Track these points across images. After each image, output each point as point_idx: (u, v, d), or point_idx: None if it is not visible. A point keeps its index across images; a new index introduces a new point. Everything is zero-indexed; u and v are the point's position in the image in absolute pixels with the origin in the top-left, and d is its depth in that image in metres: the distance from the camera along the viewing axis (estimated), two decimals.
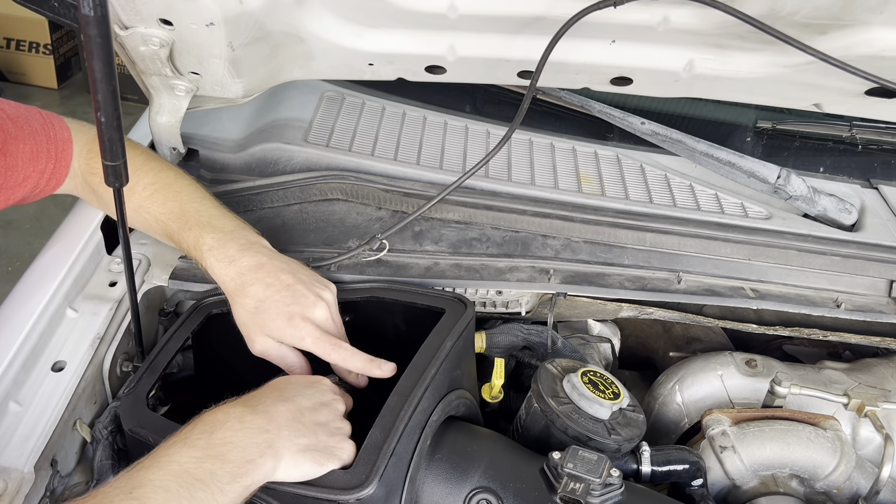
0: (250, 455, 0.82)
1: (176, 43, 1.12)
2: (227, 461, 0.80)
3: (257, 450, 0.82)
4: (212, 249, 1.08)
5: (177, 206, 1.13)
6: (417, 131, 1.48)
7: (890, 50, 1.07)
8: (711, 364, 1.32)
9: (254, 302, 1.04)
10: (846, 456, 1.13)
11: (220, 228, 1.11)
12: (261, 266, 1.07)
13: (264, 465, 0.82)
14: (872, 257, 1.31)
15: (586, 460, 0.93)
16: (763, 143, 1.57)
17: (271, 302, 1.04)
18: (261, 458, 0.82)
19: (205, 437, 0.82)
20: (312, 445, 0.86)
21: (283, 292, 1.05)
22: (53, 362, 1.09)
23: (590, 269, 1.27)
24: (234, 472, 0.80)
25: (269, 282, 1.05)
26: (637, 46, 1.19)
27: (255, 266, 1.07)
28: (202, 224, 1.11)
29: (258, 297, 1.04)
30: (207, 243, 1.08)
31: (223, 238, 1.09)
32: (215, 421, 0.84)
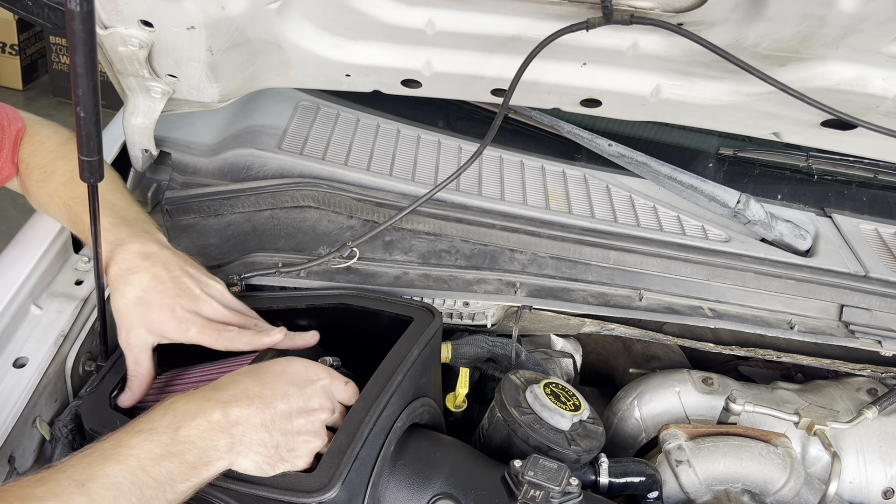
0: (208, 458, 0.82)
1: (155, 45, 1.12)
2: (185, 462, 0.80)
3: (216, 454, 0.82)
4: (104, 231, 1.03)
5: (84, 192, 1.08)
6: (391, 143, 1.50)
7: (844, 84, 1.12)
8: (669, 381, 1.35)
9: (137, 291, 1.00)
10: (795, 472, 1.17)
11: (120, 214, 1.08)
12: (149, 255, 1.03)
13: (220, 468, 0.83)
14: (825, 282, 1.36)
15: (546, 469, 0.95)
16: (724, 169, 1.62)
17: (155, 293, 1.00)
18: (218, 461, 0.82)
19: (170, 431, 0.81)
20: (271, 453, 0.85)
21: (169, 284, 1.01)
22: (15, 358, 1.08)
23: (555, 283, 1.30)
24: (188, 473, 0.80)
25: (155, 272, 1.01)
26: (607, 70, 1.23)
27: (142, 254, 1.02)
28: (104, 209, 1.04)
29: (142, 286, 1.00)
30: (102, 226, 1.02)
31: (118, 222, 1.06)
32: (185, 414, 0.83)
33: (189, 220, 1.35)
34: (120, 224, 1.06)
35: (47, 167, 1.14)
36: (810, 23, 1.01)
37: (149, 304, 1.00)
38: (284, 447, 0.86)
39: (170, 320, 1.00)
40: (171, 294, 1.01)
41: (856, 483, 1.28)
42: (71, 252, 1.27)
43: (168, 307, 1.00)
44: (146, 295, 1.00)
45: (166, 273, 1.02)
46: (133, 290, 1.00)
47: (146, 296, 1.00)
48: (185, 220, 1.35)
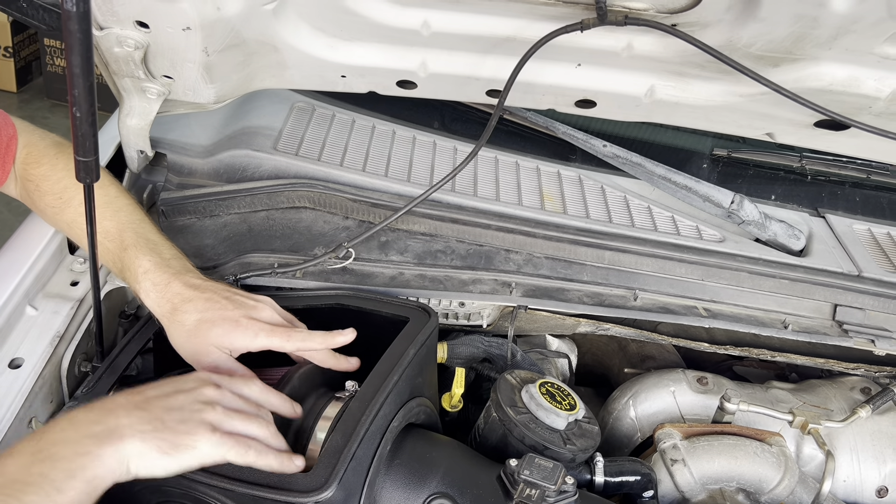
0: (84, 448, 0.77)
1: (151, 46, 1.12)
2: (59, 459, 0.76)
3: (92, 441, 0.78)
4: (147, 273, 1.06)
5: (114, 226, 1.11)
6: (386, 144, 1.50)
7: (837, 84, 1.13)
8: (664, 381, 1.36)
9: (194, 316, 1.02)
10: (790, 471, 1.17)
11: (158, 253, 1.09)
12: (196, 287, 1.05)
13: (105, 456, 0.78)
14: (818, 282, 1.36)
15: (542, 468, 0.96)
16: (719, 170, 1.63)
17: (213, 312, 1.02)
18: (98, 448, 0.78)
19: (33, 443, 0.78)
20: (156, 430, 0.81)
21: (223, 302, 1.03)
22: (11, 359, 1.08)
23: (550, 283, 1.30)
24: (69, 468, 0.76)
25: (207, 296, 1.04)
26: (601, 71, 1.23)
27: (190, 287, 1.05)
28: (139, 246, 1.09)
29: (198, 309, 1.02)
30: (143, 266, 1.06)
31: (159, 262, 1.07)
32: (47, 427, 0.81)
33: (185, 220, 1.35)
34: (161, 266, 1.07)
35: (62, 194, 1.14)
36: (803, 24, 1.02)
37: (211, 322, 1.01)
38: (172, 420, 0.82)
39: (235, 330, 1.01)
40: (229, 308, 1.02)
41: (850, 481, 1.28)
42: (66, 253, 1.27)
43: (230, 319, 1.01)
44: (204, 315, 1.02)
45: (217, 295, 1.04)
46: (190, 317, 1.02)
47: (205, 316, 1.02)
48: (181, 221, 1.35)
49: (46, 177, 1.15)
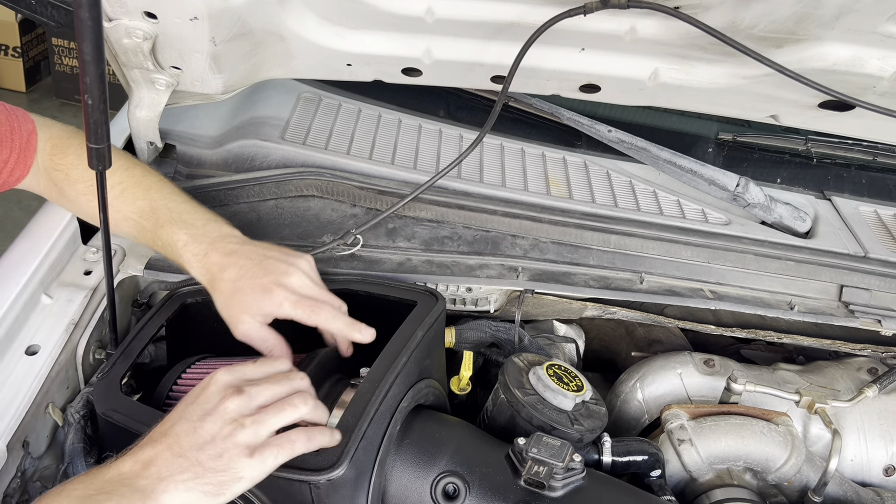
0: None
1: (159, 36, 1.14)
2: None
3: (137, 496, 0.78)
4: (186, 245, 1.08)
5: (147, 205, 1.13)
6: (392, 133, 1.51)
7: (841, 64, 1.13)
8: (671, 363, 1.37)
9: (229, 285, 1.04)
10: (796, 449, 1.18)
11: (192, 224, 1.11)
12: (232, 252, 1.07)
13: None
14: (824, 263, 1.37)
15: (550, 446, 0.97)
16: (724, 154, 1.63)
17: (245, 280, 1.04)
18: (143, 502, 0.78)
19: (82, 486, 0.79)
20: (197, 476, 0.80)
21: (255, 269, 1.05)
22: (27, 346, 1.10)
23: (556, 268, 1.31)
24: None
25: (241, 263, 1.05)
26: (605, 55, 1.24)
27: (227, 253, 1.07)
28: (173, 221, 1.11)
29: (232, 278, 1.04)
30: (181, 239, 1.09)
31: (196, 233, 1.10)
32: (98, 472, 0.81)
33: None
34: (198, 236, 1.09)
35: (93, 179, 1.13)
36: (806, 3, 1.02)
37: (242, 291, 1.03)
38: (209, 460, 0.81)
39: (263, 297, 1.02)
40: (259, 275, 1.04)
41: (857, 461, 1.29)
42: (79, 243, 1.29)
43: (259, 287, 1.03)
44: (237, 283, 1.04)
45: (250, 261, 1.06)
46: (226, 284, 1.05)
47: (238, 284, 1.04)
48: None
49: (75, 165, 1.16)
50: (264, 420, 0.84)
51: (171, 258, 1.13)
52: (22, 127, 1.15)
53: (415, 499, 0.95)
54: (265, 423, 0.84)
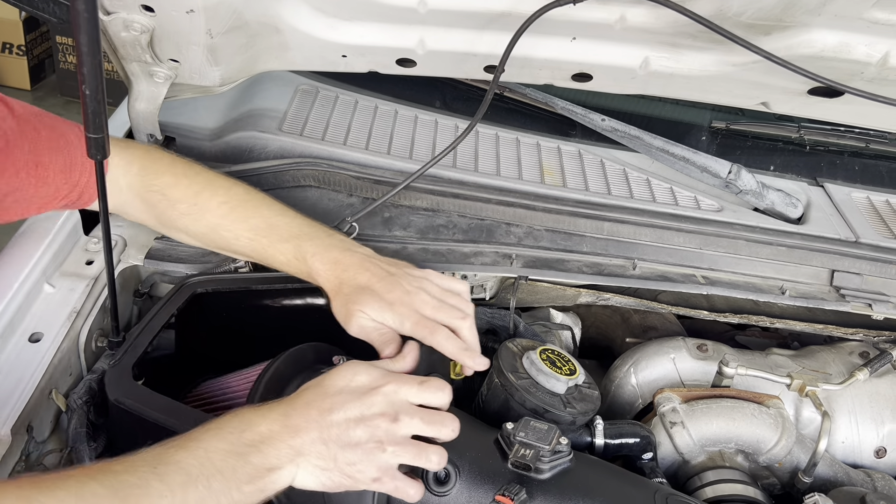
0: (271, 464, 0.83)
1: (156, 29, 1.16)
2: (249, 463, 0.82)
3: (278, 461, 0.84)
4: (315, 255, 1.10)
5: (262, 222, 1.15)
6: (389, 123, 1.53)
7: (828, 51, 1.15)
8: (665, 348, 1.38)
9: (354, 290, 1.06)
10: (787, 431, 1.20)
11: (316, 236, 1.14)
12: (364, 261, 1.10)
13: (283, 476, 0.84)
14: (816, 248, 1.39)
15: (537, 429, 0.98)
16: (717, 142, 1.65)
17: (374, 289, 1.06)
18: (281, 469, 0.84)
19: (236, 433, 0.84)
20: (327, 468, 0.86)
21: (383, 282, 1.06)
22: (31, 334, 1.12)
23: (550, 255, 1.33)
24: (253, 475, 0.82)
25: (374, 272, 1.07)
26: (596, 44, 1.26)
27: (359, 262, 1.09)
28: (297, 235, 1.13)
29: (360, 285, 1.06)
30: (310, 251, 1.10)
31: (322, 244, 1.12)
32: (250, 422, 0.86)
33: None
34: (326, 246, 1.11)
35: (196, 199, 1.17)
36: None
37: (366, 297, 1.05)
38: (344, 461, 0.86)
39: (388, 312, 1.04)
40: (387, 289, 1.05)
41: (848, 443, 1.31)
42: (81, 233, 1.31)
43: (385, 301, 1.04)
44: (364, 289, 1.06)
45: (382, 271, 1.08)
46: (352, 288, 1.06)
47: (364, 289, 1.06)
48: None
49: (173, 185, 1.17)
50: (401, 456, 0.88)
51: (291, 271, 1.14)
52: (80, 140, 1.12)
53: None
54: (400, 457, 0.88)
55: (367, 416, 0.88)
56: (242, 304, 1.21)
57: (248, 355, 1.12)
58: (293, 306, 1.23)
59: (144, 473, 0.77)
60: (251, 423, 0.86)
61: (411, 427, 0.90)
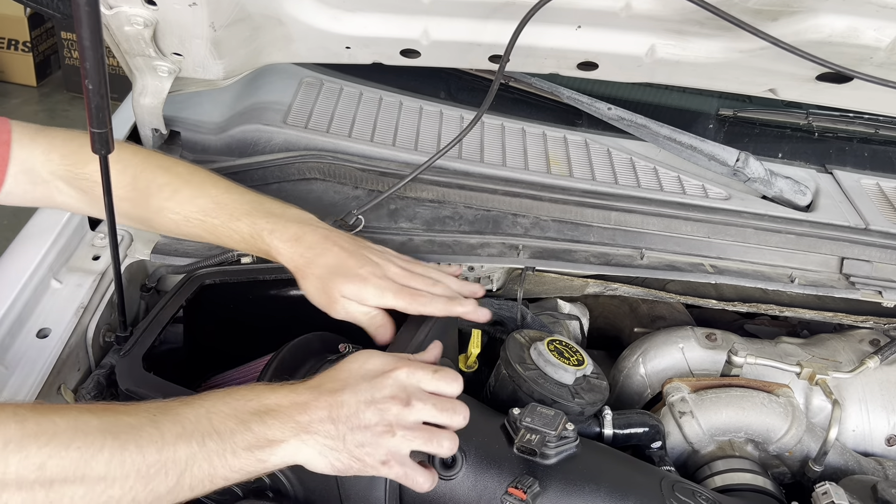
0: (273, 435, 0.82)
1: (159, 23, 1.16)
2: (250, 430, 0.81)
3: (281, 434, 0.83)
4: (273, 232, 1.07)
5: (209, 202, 1.11)
6: (393, 115, 1.53)
7: (836, 36, 1.13)
8: (673, 337, 1.38)
9: (326, 270, 1.04)
10: (797, 420, 1.19)
11: (270, 212, 1.10)
12: (327, 237, 1.07)
13: (284, 450, 0.83)
14: (825, 235, 1.37)
15: (543, 415, 0.98)
16: (725, 129, 1.63)
17: (346, 267, 1.04)
18: (283, 442, 0.82)
19: (242, 401, 0.84)
20: (335, 448, 0.84)
21: (352, 259, 1.05)
22: (39, 329, 1.13)
23: (557, 245, 1.33)
24: (252, 443, 0.81)
25: (340, 248, 1.05)
26: (602, 32, 1.25)
27: (321, 239, 1.07)
28: (249, 212, 1.10)
29: (330, 265, 1.04)
30: (266, 227, 1.07)
31: (279, 220, 1.09)
32: (259, 393, 0.86)
33: None
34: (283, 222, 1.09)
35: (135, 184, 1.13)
36: None
37: (343, 277, 1.03)
38: (353, 442, 0.84)
39: (365, 289, 1.02)
40: (360, 265, 1.04)
41: (859, 431, 1.30)
42: (87, 229, 1.31)
43: (360, 277, 1.03)
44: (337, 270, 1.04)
45: (346, 251, 1.06)
46: (322, 270, 1.04)
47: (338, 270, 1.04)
48: None
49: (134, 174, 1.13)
50: (411, 441, 0.87)
51: (249, 250, 1.11)
52: None
53: None
54: (411, 443, 0.87)
55: (378, 398, 0.87)
56: (249, 296, 1.21)
57: (256, 347, 1.12)
58: (300, 296, 1.23)
59: (142, 418, 0.78)
60: (259, 394, 0.85)
61: (423, 413, 0.89)
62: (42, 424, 0.73)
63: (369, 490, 0.91)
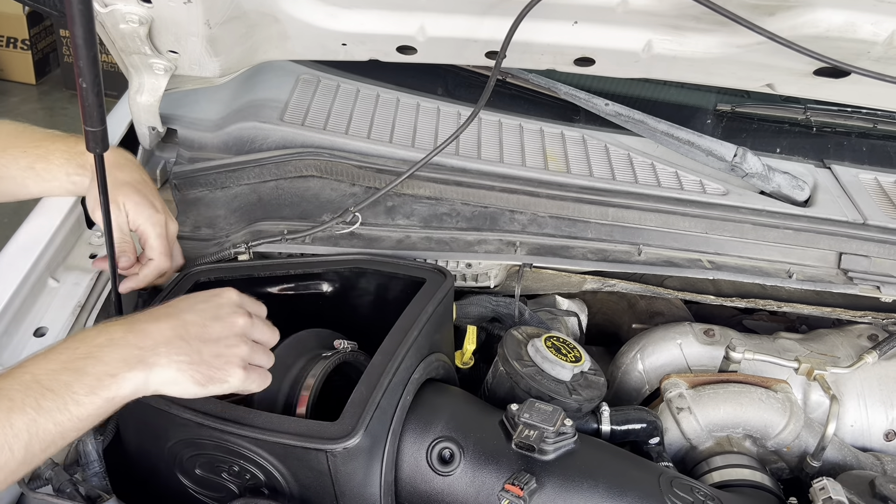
0: (114, 370, 0.81)
1: (155, 21, 1.15)
2: (87, 374, 0.80)
3: (125, 365, 0.81)
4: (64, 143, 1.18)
5: None
6: (390, 112, 1.52)
7: (834, 30, 1.13)
8: (671, 333, 1.38)
9: None
10: (795, 415, 1.19)
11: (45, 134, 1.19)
12: None
13: (131, 380, 0.81)
14: (823, 231, 1.37)
15: (541, 411, 0.99)
16: (723, 125, 1.63)
17: None
18: (128, 372, 0.81)
19: (68, 351, 0.82)
20: (193, 362, 0.85)
21: None
22: (35, 328, 1.13)
23: (555, 241, 1.32)
24: (93, 385, 0.79)
25: None
26: (598, 27, 1.24)
27: None
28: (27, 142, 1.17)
29: None
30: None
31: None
32: (85, 337, 0.84)
33: (197, 193, 1.39)
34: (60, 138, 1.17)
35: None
36: None
37: None
38: (209, 353, 0.86)
39: None
40: None
41: (857, 426, 1.30)
42: (84, 228, 1.31)
43: None
44: None
45: None
46: None
47: None
48: (193, 194, 1.39)
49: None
50: (257, 350, 0.92)
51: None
52: None
53: (412, 464, 0.97)
54: (257, 351, 0.92)
55: (222, 315, 0.91)
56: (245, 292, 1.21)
57: None
58: (296, 294, 1.24)
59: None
60: (86, 339, 0.84)
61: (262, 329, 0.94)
62: None
63: (364, 486, 0.92)
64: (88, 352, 0.82)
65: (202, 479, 0.98)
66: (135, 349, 0.83)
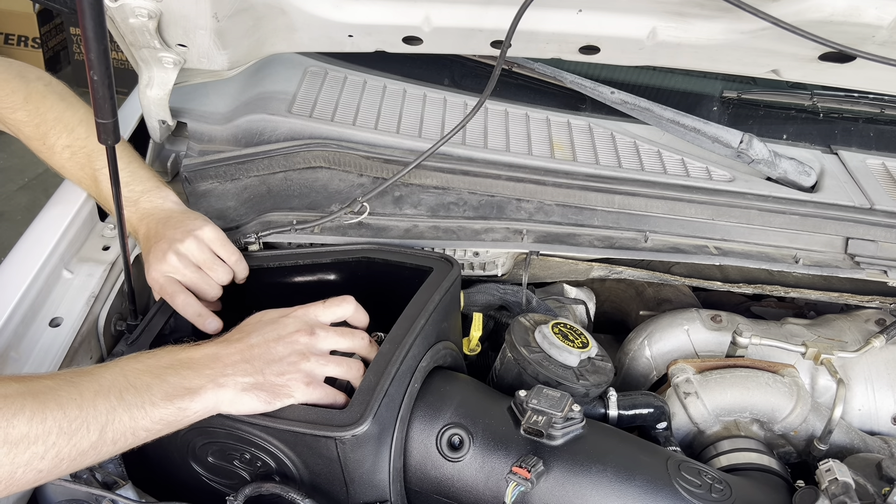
0: (190, 384, 0.88)
1: (163, 14, 1.17)
2: (166, 381, 0.87)
3: (198, 383, 0.88)
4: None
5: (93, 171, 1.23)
6: (397, 103, 1.53)
7: (838, 14, 1.13)
8: (679, 320, 1.39)
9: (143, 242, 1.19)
10: (802, 399, 1.20)
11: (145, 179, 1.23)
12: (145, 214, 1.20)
13: (204, 398, 0.88)
14: (830, 216, 1.37)
15: (549, 397, 1.00)
16: (729, 112, 1.63)
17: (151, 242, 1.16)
18: (200, 390, 0.88)
19: (153, 359, 0.90)
20: (257, 384, 0.90)
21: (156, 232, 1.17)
22: (51, 318, 1.15)
23: (561, 229, 1.33)
24: (170, 393, 0.86)
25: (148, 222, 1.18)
26: (603, 15, 1.25)
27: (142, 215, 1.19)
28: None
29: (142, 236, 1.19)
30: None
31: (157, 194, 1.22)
32: (171, 351, 0.93)
33: (207, 185, 1.41)
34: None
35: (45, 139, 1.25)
36: None
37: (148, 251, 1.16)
38: (272, 373, 0.91)
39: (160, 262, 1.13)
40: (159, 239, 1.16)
41: (865, 410, 1.30)
42: (97, 220, 1.33)
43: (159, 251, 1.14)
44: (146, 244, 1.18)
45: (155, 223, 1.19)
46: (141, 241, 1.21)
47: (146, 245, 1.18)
48: (204, 186, 1.41)
49: (25, 122, 1.25)
50: (324, 366, 0.96)
51: None
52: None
53: (422, 450, 0.99)
54: (324, 367, 0.95)
55: (283, 335, 0.96)
56: (256, 283, 1.23)
57: None
58: (305, 283, 1.25)
59: (61, 380, 0.83)
60: (172, 352, 0.92)
61: (328, 340, 0.97)
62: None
63: (373, 472, 0.93)
64: (170, 363, 0.90)
65: (214, 466, 1.00)
66: (207, 370, 0.90)
